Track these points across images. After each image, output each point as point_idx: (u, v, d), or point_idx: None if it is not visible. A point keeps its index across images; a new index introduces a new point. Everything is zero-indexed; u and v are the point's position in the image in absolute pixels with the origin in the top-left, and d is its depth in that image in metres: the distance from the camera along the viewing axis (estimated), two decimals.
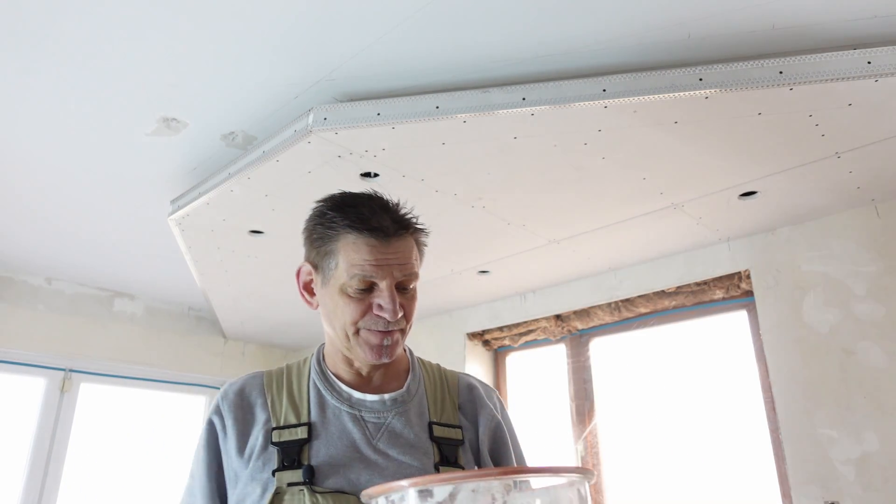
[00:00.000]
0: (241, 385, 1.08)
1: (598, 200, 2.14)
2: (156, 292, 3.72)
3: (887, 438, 1.97)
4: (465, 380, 1.16)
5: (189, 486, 1.05)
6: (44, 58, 1.67)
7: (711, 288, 2.57)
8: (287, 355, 4.47)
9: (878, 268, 2.10)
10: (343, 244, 0.98)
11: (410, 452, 0.99)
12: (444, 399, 1.10)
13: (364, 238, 0.97)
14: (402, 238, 1.00)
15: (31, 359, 3.36)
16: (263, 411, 1.03)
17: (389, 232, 0.98)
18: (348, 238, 0.98)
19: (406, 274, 0.99)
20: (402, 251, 0.99)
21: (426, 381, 1.11)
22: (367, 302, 0.98)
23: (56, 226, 2.75)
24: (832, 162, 1.87)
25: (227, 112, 1.92)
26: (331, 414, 1.02)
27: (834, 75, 1.47)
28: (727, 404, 2.51)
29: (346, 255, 0.98)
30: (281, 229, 2.35)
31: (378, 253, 0.97)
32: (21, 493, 3.17)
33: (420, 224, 1.05)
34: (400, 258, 0.98)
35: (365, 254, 0.97)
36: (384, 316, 0.97)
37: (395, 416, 1.03)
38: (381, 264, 0.97)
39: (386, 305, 0.97)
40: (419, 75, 1.71)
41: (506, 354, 3.43)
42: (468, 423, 1.08)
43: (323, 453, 0.97)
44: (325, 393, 1.04)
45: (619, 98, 1.56)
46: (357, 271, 0.96)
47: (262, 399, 1.05)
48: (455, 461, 1.01)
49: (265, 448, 0.98)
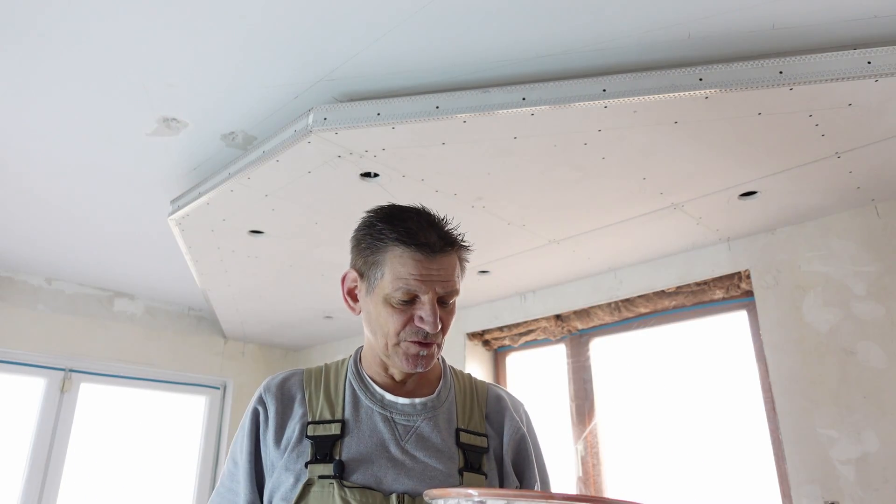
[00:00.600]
0: (283, 378, 1.13)
1: (598, 200, 2.14)
2: (156, 292, 3.72)
3: (887, 438, 1.97)
4: (494, 391, 1.19)
5: (231, 472, 1.10)
6: (43, 58, 1.67)
7: (711, 288, 2.57)
8: (287, 355, 4.48)
9: (878, 268, 2.10)
10: (391, 256, 1.02)
11: (436, 456, 1.03)
12: (473, 407, 1.13)
13: (411, 252, 1.01)
14: (447, 254, 1.04)
15: (31, 359, 3.36)
16: (301, 405, 1.08)
17: (436, 248, 1.02)
18: (396, 251, 1.02)
19: (448, 290, 1.03)
20: (445, 267, 1.03)
21: (456, 389, 1.15)
22: (409, 313, 1.02)
23: (56, 226, 2.75)
24: (832, 162, 1.87)
25: (227, 112, 1.92)
26: (363, 413, 1.07)
27: (834, 75, 1.47)
28: (727, 404, 2.51)
29: (392, 268, 1.02)
30: (281, 229, 2.35)
31: (423, 268, 1.01)
32: (21, 493, 3.17)
33: (465, 242, 1.10)
34: (443, 274, 1.02)
35: (411, 268, 1.01)
36: (424, 328, 1.01)
37: (425, 420, 1.07)
38: (425, 279, 1.01)
39: (427, 318, 1.00)
40: (419, 75, 1.71)
41: (506, 354, 3.43)
42: (494, 432, 1.12)
43: (353, 449, 1.02)
44: (359, 393, 1.09)
45: (619, 98, 1.56)
46: (402, 284, 1.00)
47: (301, 394, 1.10)
48: (479, 468, 1.05)
49: (300, 441, 1.03)
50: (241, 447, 1.08)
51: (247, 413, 1.11)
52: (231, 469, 1.10)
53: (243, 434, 1.09)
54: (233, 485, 1.09)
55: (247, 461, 1.07)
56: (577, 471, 2.85)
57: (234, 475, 1.09)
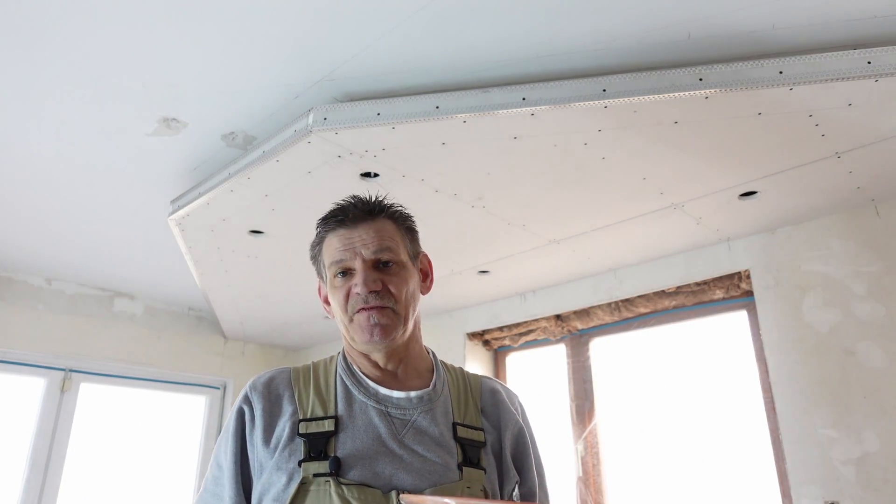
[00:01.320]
0: (270, 377, 1.11)
1: (598, 200, 2.14)
2: (156, 292, 3.72)
3: (887, 438, 1.96)
4: (488, 383, 1.18)
5: (215, 476, 1.06)
6: (43, 58, 1.67)
7: (711, 288, 2.57)
8: (287, 355, 4.47)
9: (878, 268, 2.10)
10: (325, 245, 1.10)
11: (435, 450, 1.01)
12: (468, 401, 1.12)
13: (332, 230, 1.08)
14: (371, 221, 1.07)
15: (31, 359, 3.36)
16: (290, 403, 1.05)
17: (355, 218, 1.07)
18: (326, 238, 1.09)
19: (375, 251, 1.05)
20: (369, 232, 1.06)
21: (450, 383, 1.13)
22: (347, 286, 1.05)
23: (56, 226, 2.75)
24: (832, 162, 1.87)
25: (227, 112, 1.92)
26: (357, 408, 1.04)
27: (834, 75, 1.47)
28: (727, 404, 2.51)
29: (327, 253, 1.08)
30: (281, 229, 2.35)
31: (345, 239, 1.06)
32: (21, 493, 3.17)
33: (397, 207, 1.12)
34: (366, 238, 1.05)
35: (335, 243, 1.07)
36: (357, 291, 1.03)
37: (421, 413, 1.05)
38: (348, 248, 1.05)
39: (358, 280, 1.03)
40: (419, 75, 1.71)
41: (506, 354, 3.43)
42: (490, 426, 1.10)
43: (349, 446, 0.99)
44: (351, 388, 1.07)
45: (619, 98, 1.56)
46: (332, 260, 1.06)
47: (290, 392, 1.07)
48: (477, 462, 1.03)
49: (292, 439, 1.00)
50: (226, 449, 1.04)
51: (231, 413, 1.07)
52: (215, 473, 1.06)
53: (228, 436, 1.05)
54: (217, 489, 1.04)
55: (232, 463, 1.02)
56: (577, 471, 2.85)
57: (218, 479, 1.05)
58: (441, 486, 0.97)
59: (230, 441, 1.04)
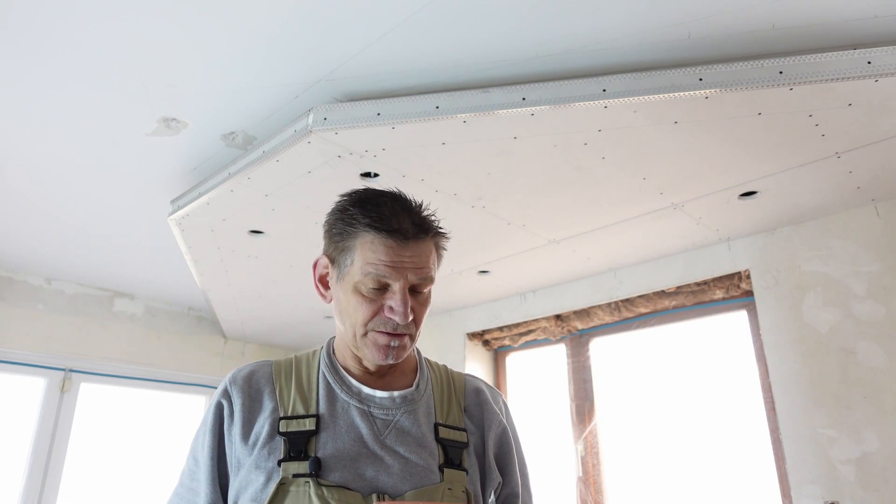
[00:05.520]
0: (250, 371, 1.07)
1: (598, 200, 2.14)
2: (156, 292, 3.72)
3: (887, 438, 1.96)
4: (471, 382, 1.15)
5: (191, 470, 1.03)
6: (43, 58, 1.67)
7: (711, 288, 2.57)
8: (287, 355, 4.47)
9: (878, 268, 2.10)
10: (361, 242, 0.98)
11: (417, 451, 0.99)
12: (451, 401, 1.09)
13: (382, 238, 0.96)
14: (421, 241, 0.99)
15: (31, 359, 3.36)
16: (271, 399, 1.02)
17: (409, 234, 0.97)
18: (366, 236, 0.97)
19: (421, 278, 0.98)
20: (419, 255, 0.98)
21: (433, 382, 1.11)
22: (378, 303, 0.98)
23: (56, 226, 2.75)
24: (832, 162, 1.87)
25: (227, 112, 1.92)
26: (339, 408, 1.01)
27: (834, 75, 1.47)
28: (727, 404, 2.51)
29: (362, 254, 0.97)
30: (281, 229, 2.35)
31: (394, 254, 0.96)
32: (21, 493, 3.17)
33: (441, 228, 1.04)
34: (416, 262, 0.97)
35: (381, 254, 0.96)
36: (394, 318, 0.97)
37: (404, 413, 1.02)
38: (396, 266, 0.96)
39: (397, 308, 0.96)
40: (419, 75, 1.71)
41: (506, 354, 3.43)
42: (474, 426, 1.08)
43: (330, 446, 0.96)
44: (334, 386, 1.04)
45: (619, 98, 1.56)
46: (371, 270, 0.96)
47: (271, 387, 1.04)
48: (459, 464, 1.01)
49: (271, 437, 0.97)
50: (203, 443, 1.01)
51: (209, 407, 1.03)
52: (191, 467, 1.03)
53: (205, 429, 1.01)
54: (193, 484, 1.02)
55: (209, 458, 0.99)
56: (577, 471, 2.85)
57: (194, 474, 1.02)
58: (422, 489, 0.95)
59: (207, 435, 1.01)
